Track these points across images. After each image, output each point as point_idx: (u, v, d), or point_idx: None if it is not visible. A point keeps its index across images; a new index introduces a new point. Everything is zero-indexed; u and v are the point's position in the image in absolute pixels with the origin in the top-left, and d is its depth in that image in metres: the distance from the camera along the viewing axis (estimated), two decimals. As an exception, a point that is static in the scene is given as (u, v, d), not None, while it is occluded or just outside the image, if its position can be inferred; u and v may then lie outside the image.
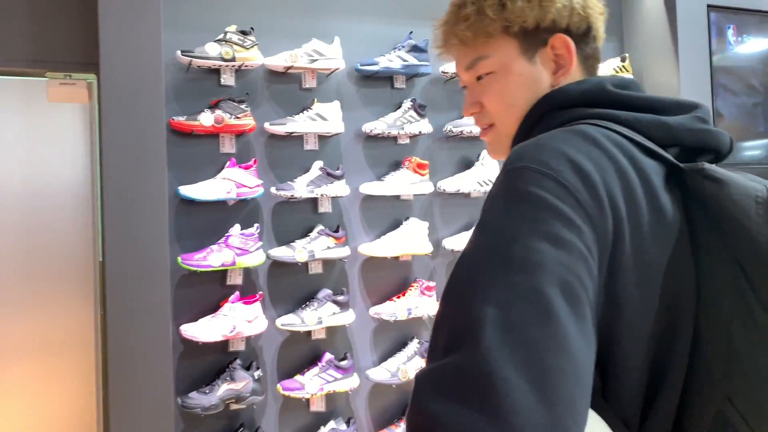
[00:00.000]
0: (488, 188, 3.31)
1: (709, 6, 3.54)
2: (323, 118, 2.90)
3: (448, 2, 1.00)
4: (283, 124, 2.83)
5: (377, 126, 3.01)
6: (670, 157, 0.75)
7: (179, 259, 2.63)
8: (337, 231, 2.95)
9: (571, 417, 0.55)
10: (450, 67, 3.16)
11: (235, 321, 2.67)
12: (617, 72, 3.58)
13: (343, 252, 2.93)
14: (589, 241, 0.64)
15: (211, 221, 2.81)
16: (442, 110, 3.30)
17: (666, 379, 0.68)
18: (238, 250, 2.70)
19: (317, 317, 2.82)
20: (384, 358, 3.09)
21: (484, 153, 3.25)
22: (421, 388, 0.59)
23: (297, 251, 2.81)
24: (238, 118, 2.75)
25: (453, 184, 3.14)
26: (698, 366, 0.68)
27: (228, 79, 2.84)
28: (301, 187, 2.83)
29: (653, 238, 0.69)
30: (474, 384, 0.55)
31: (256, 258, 2.74)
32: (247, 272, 2.86)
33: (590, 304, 0.63)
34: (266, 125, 2.83)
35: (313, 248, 2.85)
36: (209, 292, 2.79)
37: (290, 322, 2.78)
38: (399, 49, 3.10)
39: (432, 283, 3.07)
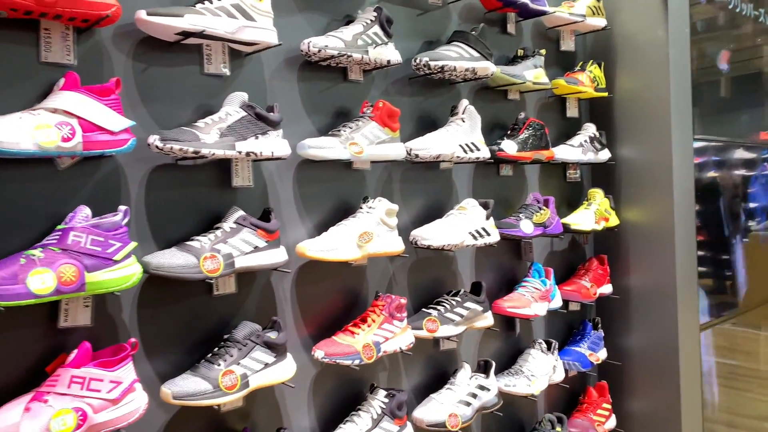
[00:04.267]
0: (473, 155, 2.29)
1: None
2: (248, 16, 1.60)
3: None
4: (179, 16, 1.48)
5: (330, 44, 1.79)
6: None
7: (-51, 282, 1.18)
8: (267, 219, 1.68)
9: None
10: (425, -33, 2.05)
11: (84, 404, 1.29)
12: (593, 12, 2.79)
13: (279, 256, 1.68)
14: None
15: (21, 200, 1.37)
16: (401, 36, 2.17)
17: None
18: (87, 259, 1.32)
19: (241, 374, 1.54)
20: (329, 426, 1.91)
21: (465, 104, 2.20)
22: None
23: (204, 258, 1.50)
24: (86, -13, 1.34)
25: (431, 146, 2.05)
26: None
27: None
28: (211, 137, 1.51)
29: None
30: None
31: (124, 273, 1.38)
32: (101, 302, 1.47)
33: None
34: (141, 14, 1.46)
35: (232, 251, 1.56)
36: (21, 344, 1.36)
37: (190, 391, 1.47)
38: (359, -77, 1.90)
39: (403, 299, 1.96)
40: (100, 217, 1.37)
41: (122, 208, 1.40)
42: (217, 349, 1.58)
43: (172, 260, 1.46)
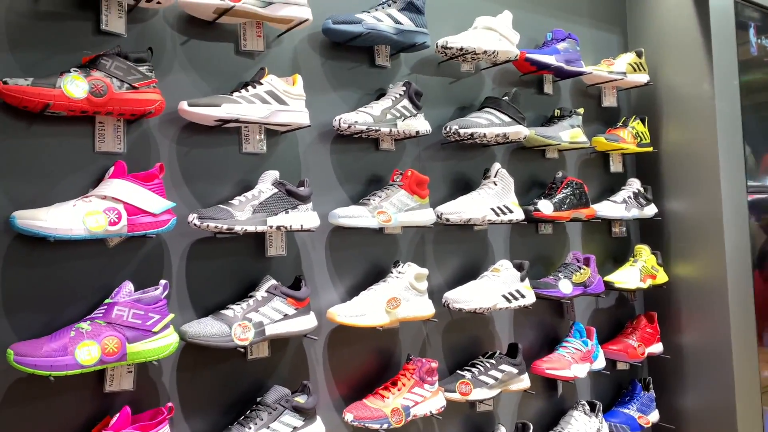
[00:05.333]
0: (506, 217, 2.34)
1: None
2: (280, 101, 1.74)
3: None
4: (216, 106, 1.64)
5: (360, 119, 1.91)
6: None
7: (10, 353, 1.33)
8: (297, 287, 1.79)
9: None
10: (456, 40, 2.14)
11: (123, 465, 1.41)
12: (634, 69, 2.79)
13: (308, 323, 1.77)
14: None
15: (75, 275, 1.53)
16: (434, 104, 2.27)
17: None
18: (129, 331, 1.45)
19: (269, 439, 1.63)
20: (361, 484, 1.96)
21: (497, 167, 2.26)
22: None
23: (236, 327, 1.61)
24: (134, 88, 1.51)
25: (462, 210, 2.11)
26: None
27: (114, 21, 1.60)
28: (244, 214, 1.64)
29: None
30: None
31: (162, 343, 1.50)
32: (143, 367, 1.61)
33: None
34: (184, 106, 1.62)
35: (263, 319, 1.67)
36: (71, 407, 1.51)
37: (223, 453, 1.57)
38: (388, 5, 2.02)
39: (434, 363, 2.00)
40: (142, 291, 1.51)
41: (162, 282, 1.54)
42: (248, 412, 1.68)
43: (206, 329, 1.58)
